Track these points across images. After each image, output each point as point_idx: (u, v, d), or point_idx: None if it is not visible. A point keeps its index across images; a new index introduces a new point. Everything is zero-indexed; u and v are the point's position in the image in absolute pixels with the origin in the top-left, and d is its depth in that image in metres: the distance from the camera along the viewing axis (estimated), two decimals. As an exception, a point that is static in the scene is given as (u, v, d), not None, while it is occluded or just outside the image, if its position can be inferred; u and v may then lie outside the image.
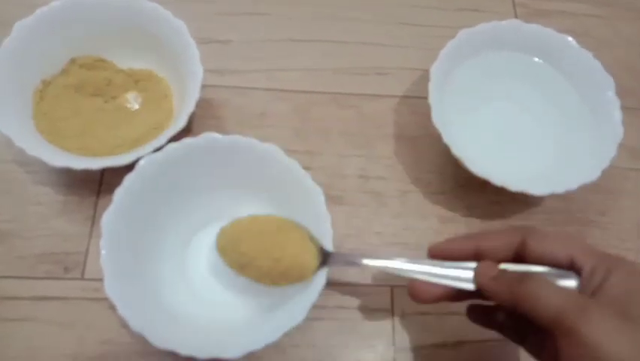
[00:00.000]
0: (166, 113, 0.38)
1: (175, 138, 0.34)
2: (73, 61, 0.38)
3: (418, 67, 0.44)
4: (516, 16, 0.48)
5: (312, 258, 0.33)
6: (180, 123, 0.34)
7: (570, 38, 0.40)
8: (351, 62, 0.45)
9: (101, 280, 0.34)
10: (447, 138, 0.36)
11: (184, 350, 0.29)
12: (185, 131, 0.36)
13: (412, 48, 0.45)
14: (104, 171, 0.38)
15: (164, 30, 0.37)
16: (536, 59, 0.42)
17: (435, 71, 0.38)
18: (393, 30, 0.46)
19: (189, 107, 0.34)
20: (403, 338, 0.36)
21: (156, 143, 0.33)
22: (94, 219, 0.37)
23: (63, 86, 0.37)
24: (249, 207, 0.36)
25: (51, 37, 0.36)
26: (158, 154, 0.33)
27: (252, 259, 0.32)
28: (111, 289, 0.29)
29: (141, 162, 0.32)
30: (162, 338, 0.29)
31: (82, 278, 0.35)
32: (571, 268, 0.26)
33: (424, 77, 0.38)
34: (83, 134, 0.36)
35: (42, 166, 0.38)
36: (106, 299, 0.34)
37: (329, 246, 0.32)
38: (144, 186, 0.32)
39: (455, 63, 0.40)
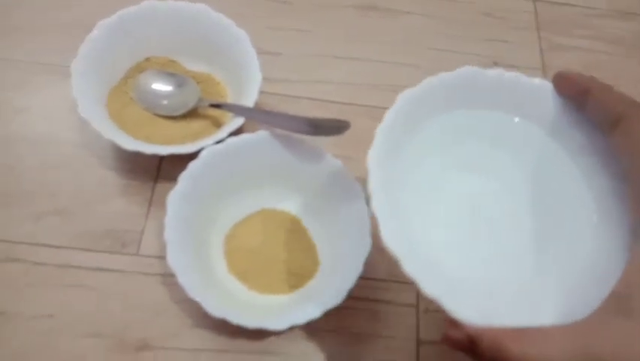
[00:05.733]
0: (222, 113, 0.42)
1: (233, 134, 0.38)
2: (147, 59, 0.42)
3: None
4: (541, 50, 0.52)
5: (312, 264, 0.37)
6: (239, 121, 0.38)
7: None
8: (385, 79, 0.49)
9: (154, 256, 0.39)
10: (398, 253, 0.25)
11: (234, 319, 0.32)
12: (239, 130, 0.40)
13: (441, 71, 0.50)
14: (161, 161, 0.42)
15: (226, 38, 0.42)
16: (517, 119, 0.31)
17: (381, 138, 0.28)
18: (425, 54, 0.51)
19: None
20: (427, 332, 0.39)
21: (218, 136, 0.37)
22: (150, 202, 0.40)
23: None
24: (290, 203, 0.40)
25: (129, 36, 0.41)
26: (220, 145, 0.37)
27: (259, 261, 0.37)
28: (173, 259, 0.33)
29: (204, 152, 0.36)
30: (215, 307, 0.32)
31: (137, 254, 0.39)
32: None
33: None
34: (149, 125, 0.40)
35: (107, 152, 0.42)
36: (158, 274, 0.38)
37: (368, 242, 0.35)
38: (205, 172, 0.36)
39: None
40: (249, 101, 0.39)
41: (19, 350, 0.35)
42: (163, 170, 0.41)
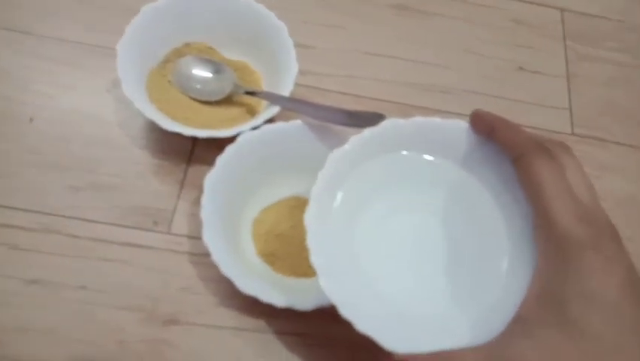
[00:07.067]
0: (257, 100, 0.43)
1: (267, 122, 0.39)
2: (187, 45, 0.44)
3: (476, 90, 0.50)
4: (566, 59, 0.53)
5: None
6: (275, 109, 0.39)
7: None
8: (415, 78, 0.50)
9: (184, 236, 0.40)
10: None
11: (264, 297, 0.33)
12: (272, 119, 0.41)
13: (473, 74, 0.51)
14: (194, 144, 0.43)
15: (265, 28, 0.43)
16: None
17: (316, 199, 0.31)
18: (454, 55, 0.52)
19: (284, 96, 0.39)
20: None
21: (254, 122, 0.38)
22: (183, 183, 0.42)
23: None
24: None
25: (170, 21, 0.42)
26: (256, 132, 0.38)
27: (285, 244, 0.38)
28: (208, 238, 0.34)
29: (241, 137, 0.38)
30: (246, 285, 0.33)
31: (168, 233, 0.40)
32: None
33: (480, 99, 0.44)
34: (187, 109, 0.41)
35: (141, 132, 0.43)
36: (187, 253, 0.39)
37: None
38: (241, 157, 0.37)
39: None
40: (285, 90, 0.40)
41: (54, 318, 0.36)
42: (195, 153, 0.43)
